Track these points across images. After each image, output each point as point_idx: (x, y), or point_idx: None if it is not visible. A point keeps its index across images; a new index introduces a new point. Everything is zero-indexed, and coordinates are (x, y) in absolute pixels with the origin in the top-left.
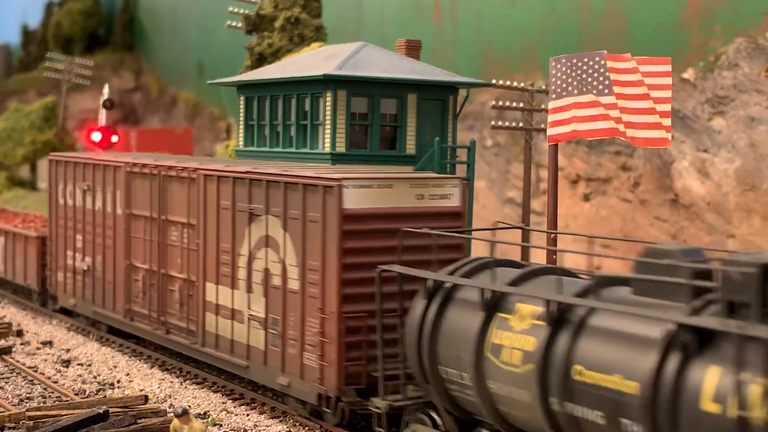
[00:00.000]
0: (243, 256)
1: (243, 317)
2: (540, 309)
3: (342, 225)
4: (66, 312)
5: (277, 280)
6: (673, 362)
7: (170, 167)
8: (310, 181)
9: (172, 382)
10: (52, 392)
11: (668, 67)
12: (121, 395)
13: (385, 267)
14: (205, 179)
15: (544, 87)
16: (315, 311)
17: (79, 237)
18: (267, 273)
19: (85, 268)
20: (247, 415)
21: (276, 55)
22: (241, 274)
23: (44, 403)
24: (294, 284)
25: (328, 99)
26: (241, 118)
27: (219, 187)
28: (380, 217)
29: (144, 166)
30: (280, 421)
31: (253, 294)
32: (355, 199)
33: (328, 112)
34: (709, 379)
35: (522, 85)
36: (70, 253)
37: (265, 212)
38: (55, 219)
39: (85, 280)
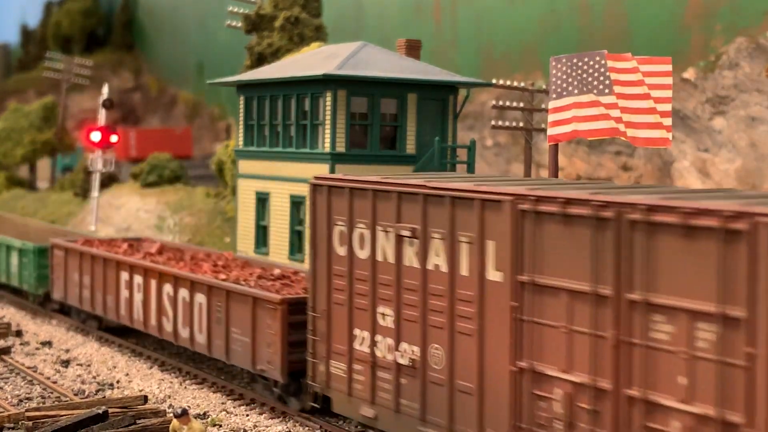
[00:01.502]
0: None
1: None
2: None
3: None
4: (318, 409)
5: None
6: None
7: (653, 207)
8: None
9: (171, 382)
10: (52, 392)
11: (669, 67)
12: (121, 395)
13: None
14: None
15: (544, 87)
16: None
17: (384, 310)
18: None
19: (406, 362)
20: (247, 415)
21: (276, 54)
22: None
23: (43, 403)
24: None
25: (328, 99)
26: (241, 118)
27: None
28: None
29: (571, 202)
30: (280, 421)
31: None
32: None
33: (328, 112)
34: None
35: (522, 84)
36: (362, 333)
37: None
38: (326, 277)
39: (400, 380)
